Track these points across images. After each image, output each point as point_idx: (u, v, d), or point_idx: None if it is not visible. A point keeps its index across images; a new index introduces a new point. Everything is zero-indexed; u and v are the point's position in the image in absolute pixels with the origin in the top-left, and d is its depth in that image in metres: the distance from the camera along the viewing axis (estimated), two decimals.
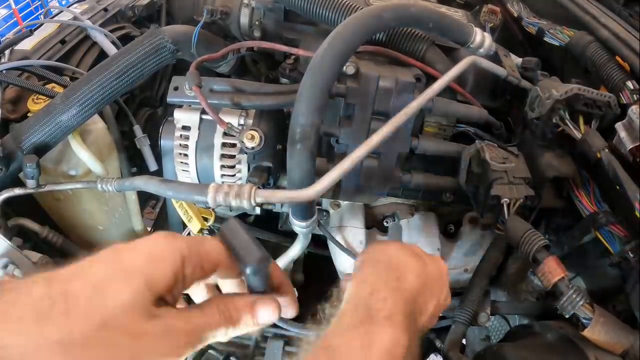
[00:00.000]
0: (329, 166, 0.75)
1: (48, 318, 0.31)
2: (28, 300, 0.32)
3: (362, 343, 0.40)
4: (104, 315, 0.32)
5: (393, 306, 0.45)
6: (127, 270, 0.34)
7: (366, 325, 0.41)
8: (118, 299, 0.33)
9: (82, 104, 0.75)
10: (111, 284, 0.33)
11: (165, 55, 0.81)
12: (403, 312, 0.45)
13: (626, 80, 0.76)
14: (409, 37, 0.84)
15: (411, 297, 0.49)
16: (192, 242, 0.38)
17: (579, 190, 0.75)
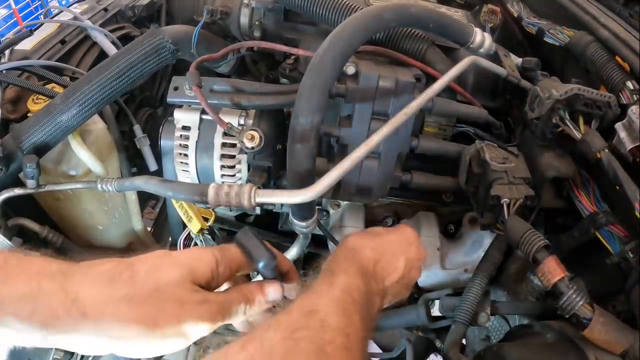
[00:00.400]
0: (329, 166, 0.75)
1: (117, 281, 0.43)
2: (101, 269, 0.45)
3: (327, 284, 0.51)
4: (157, 284, 0.44)
5: (348, 267, 0.56)
6: (177, 261, 0.47)
7: (329, 277, 0.53)
8: (169, 275, 0.45)
9: (82, 104, 0.75)
10: (164, 266, 0.46)
11: (165, 55, 0.81)
12: (358, 270, 0.56)
13: (626, 81, 0.76)
14: (409, 37, 0.84)
15: (367, 263, 0.60)
16: (222, 250, 0.51)
17: (579, 190, 0.75)
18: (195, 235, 0.86)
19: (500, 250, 0.81)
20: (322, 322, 0.45)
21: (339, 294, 0.50)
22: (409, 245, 0.68)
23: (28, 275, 0.42)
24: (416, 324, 0.89)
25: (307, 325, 0.44)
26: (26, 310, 0.41)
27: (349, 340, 0.45)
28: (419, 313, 0.84)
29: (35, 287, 0.42)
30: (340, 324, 0.46)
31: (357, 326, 0.48)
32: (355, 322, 0.48)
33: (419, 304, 0.85)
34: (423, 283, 1.01)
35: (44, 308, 0.41)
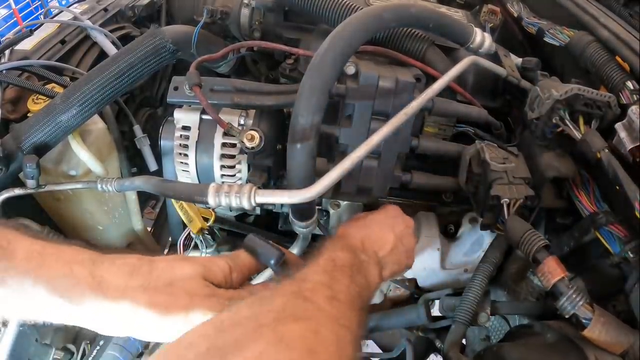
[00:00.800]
0: (329, 166, 0.75)
1: (137, 273, 0.50)
2: (125, 261, 0.51)
3: (314, 259, 0.55)
4: (171, 278, 0.49)
5: (333, 246, 0.59)
6: (192, 261, 0.52)
7: (316, 256, 0.56)
8: (182, 271, 0.50)
9: (82, 104, 0.75)
10: (180, 263, 0.51)
11: (165, 56, 0.81)
12: (343, 246, 0.60)
13: (626, 81, 0.76)
14: (409, 37, 0.84)
15: (354, 241, 0.64)
16: (234, 257, 0.56)
17: (579, 190, 0.75)
18: (195, 235, 0.86)
19: (500, 250, 0.81)
20: (303, 280, 0.48)
21: (320, 262, 0.53)
22: (394, 218, 0.73)
23: (63, 262, 0.50)
24: (416, 324, 0.89)
25: (284, 287, 0.46)
26: (59, 289, 0.48)
27: (333, 290, 0.47)
28: (419, 313, 0.84)
29: (68, 271, 0.49)
30: (322, 280, 0.48)
31: (343, 284, 0.50)
32: (341, 281, 0.50)
33: (419, 304, 0.85)
34: (423, 283, 1.01)
35: (74, 288, 0.48)
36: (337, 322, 0.43)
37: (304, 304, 0.43)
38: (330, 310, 0.44)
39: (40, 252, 0.50)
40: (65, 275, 0.49)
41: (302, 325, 0.40)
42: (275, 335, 0.38)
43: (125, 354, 0.74)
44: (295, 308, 0.43)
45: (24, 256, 0.50)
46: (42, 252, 0.50)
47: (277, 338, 0.37)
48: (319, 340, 0.39)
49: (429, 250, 0.96)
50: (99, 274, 0.49)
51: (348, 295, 0.49)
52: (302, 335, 0.39)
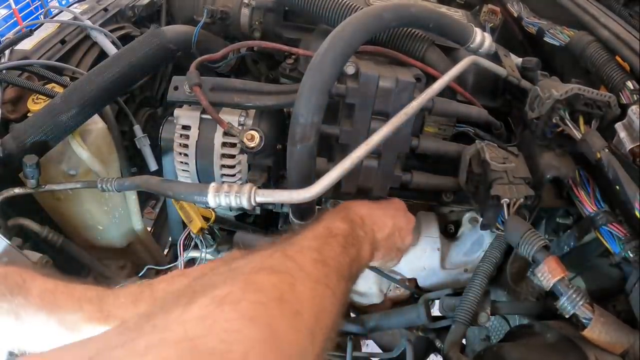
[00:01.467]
0: (329, 166, 0.75)
1: (140, 300, 0.55)
2: (126, 292, 0.56)
3: (310, 228, 0.55)
4: None
5: (333, 216, 0.61)
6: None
7: (314, 223, 0.57)
8: None
9: (82, 104, 0.75)
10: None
11: (165, 56, 0.81)
12: (344, 217, 0.61)
13: (626, 80, 0.76)
14: (409, 37, 0.84)
15: (356, 214, 0.65)
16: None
17: (579, 190, 0.75)
18: (195, 235, 0.86)
19: (500, 250, 0.81)
20: (291, 244, 0.48)
21: (315, 228, 0.54)
22: (397, 211, 0.74)
23: (73, 300, 0.55)
24: (416, 324, 0.89)
25: (269, 248, 0.46)
26: (70, 324, 0.53)
27: (321, 255, 0.47)
28: (419, 313, 0.84)
29: (78, 308, 0.54)
30: (311, 245, 0.49)
31: (334, 251, 0.50)
32: (332, 248, 0.50)
33: (419, 304, 0.85)
34: (423, 283, 1.01)
35: (84, 323, 0.54)
36: (318, 282, 0.43)
37: (285, 261, 0.43)
38: (312, 271, 0.44)
39: (52, 291, 0.56)
40: (76, 312, 0.54)
41: (277, 277, 0.40)
42: (247, 280, 0.38)
43: None
44: (274, 262, 0.43)
45: (38, 294, 0.55)
46: (54, 290, 0.56)
47: (248, 282, 0.38)
48: (292, 292, 0.39)
49: (429, 250, 0.96)
50: (106, 309, 0.55)
51: (337, 262, 0.49)
52: (274, 284, 0.38)
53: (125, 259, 1.06)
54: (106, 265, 0.98)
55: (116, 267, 1.03)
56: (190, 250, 0.91)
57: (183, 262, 0.86)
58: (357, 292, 1.02)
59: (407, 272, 0.99)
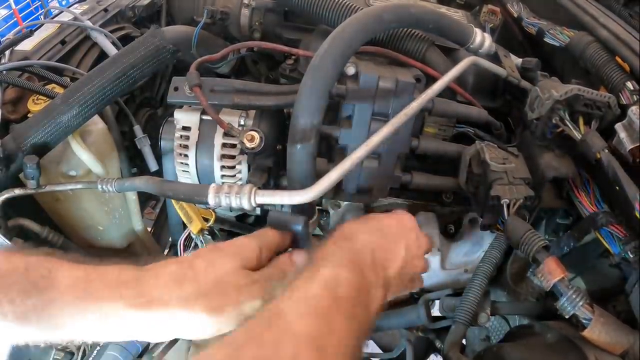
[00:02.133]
0: (329, 166, 0.75)
1: (183, 281, 0.49)
2: (166, 272, 0.50)
3: (305, 280, 0.47)
4: (216, 277, 0.49)
5: (337, 257, 0.51)
6: (228, 253, 0.52)
7: (309, 272, 0.48)
8: (224, 268, 0.50)
9: (83, 104, 0.75)
10: (219, 260, 0.51)
11: (165, 56, 0.81)
12: (350, 260, 0.51)
13: (626, 81, 0.76)
14: (409, 38, 0.84)
15: (363, 251, 0.55)
16: (261, 236, 0.56)
17: (579, 190, 0.75)
18: (196, 236, 0.86)
19: (500, 250, 0.81)
20: (285, 331, 0.39)
21: (315, 291, 0.44)
22: (409, 232, 0.62)
23: (109, 287, 0.49)
24: (416, 324, 0.89)
25: (261, 338, 0.39)
26: (110, 315, 0.48)
27: (323, 354, 0.39)
28: (419, 313, 0.84)
29: (117, 296, 0.49)
30: (311, 331, 0.40)
31: (339, 333, 0.41)
32: (336, 327, 0.42)
33: (419, 304, 0.85)
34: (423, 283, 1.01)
35: (125, 312, 0.48)
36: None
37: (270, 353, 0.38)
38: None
39: (84, 279, 0.49)
40: (115, 301, 0.48)
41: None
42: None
43: (126, 354, 0.74)
44: (255, 352, 0.38)
45: (69, 285, 0.49)
46: (85, 278, 0.50)
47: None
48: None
49: None
50: (147, 292, 0.49)
51: (338, 349, 0.40)
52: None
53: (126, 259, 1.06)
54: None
55: None
56: (191, 250, 0.91)
57: None
58: None
59: None
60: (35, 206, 0.92)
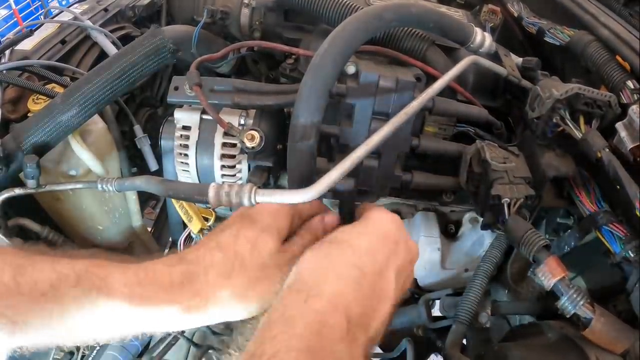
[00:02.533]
0: (329, 166, 0.75)
1: (232, 273, 0.48)
2: (214, 266, 0.49)
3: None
4: (261, 261, 0.50)
5: (289, 322, 0.40)
6: (265, 228, 0.51)
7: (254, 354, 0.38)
8: (267, 248, 0.50)
9: (83, 104, 0.75)
10: (260, 240, 0.50)
11: (166, 56, 0.81)
12: (310, 330, 0.39)
13: (626, 80, 0.76)
14: (409, 37, 0.84)
15: (332, 311, 0.41)
16: None
17: (580, 189, 0.75)
18: (196, 235, 0.86)
19: (500, 250, 0.81)
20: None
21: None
22: (395, 245, 0.50)
23: (164, 290, 0.47)
24: (417, 324, 0.89)
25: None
26: (166, 320, 0.48)
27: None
28: (420, 313, 0.84)
29: (173, 299, 0.47)
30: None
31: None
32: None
33: (420, 304, 0.85)
34: (423, 283, 1.01)
35: (184, 315, 0.48)
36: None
37: None
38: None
39: (138, 283, 0.47)
40: (171, 304, 0.47)
41: None
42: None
43: (125, 354, 0.74)
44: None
45: (125, 295, 0.46)
46: (139, 283, 0.47)
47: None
48: None
49: (429, 250, 0.96)
50: (203, 292, 0.47)
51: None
52: None
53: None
54: None
55: None
56: None
57: None
58: None
59: None
60: (35, 206, 0.92)
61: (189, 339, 0.77)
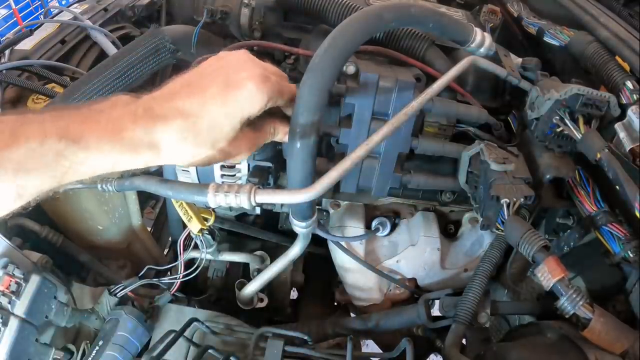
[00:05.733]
0: (329, 166, 0.75)
1: (186, 145, 0.50)
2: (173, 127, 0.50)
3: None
4: (219, 136, 0.52)
5: None
6: (231, 114, 0.52)
7: None
8: (225, 131, 0.52)
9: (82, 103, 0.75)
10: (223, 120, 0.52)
11: (165, 55, 0.81)
12: None
13: (626, 80, 0.76)
14: (409, 37, 0.84)
15: None
16: None
17: (579, 190, 0.75)
18: (195, 235, 0.86)
19: (500, 250, 0.81)
20: None
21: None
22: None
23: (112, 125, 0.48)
24: (416, 324, 0.89)
25: None
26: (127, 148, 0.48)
27: None
28: (419, 313, 0.84)
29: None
30: None
31: None
32: None
33: (419, 304, 0.85)
34: (423, 283, 1.01)
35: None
36: None
37: None
38: None
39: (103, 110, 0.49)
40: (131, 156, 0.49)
41: None
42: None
43: (125, 354, 0.74)
44: None
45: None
46: (106, 109, 0.49)
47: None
48: None
49: (429, 250, 0.96)
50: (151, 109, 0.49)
51: None
52: None
53: (125, 259, 1.06)
54: (106, 265, 0.98)
55: (116, 267, 1.03)
56: (190, 250, 0.91)
57: (183, 262, 0.86)
58: (358, 287, 1.01)
59: (407, 272, 0.99)
60: (35, 206, 0.91)
61: (189, 339, 0.77)
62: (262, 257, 1.00)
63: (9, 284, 0.67)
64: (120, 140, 0.47)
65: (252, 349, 0.76)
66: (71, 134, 0.45)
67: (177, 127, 0.49)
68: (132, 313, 0.77)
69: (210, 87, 0.51)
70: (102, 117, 0.48)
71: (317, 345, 0.83)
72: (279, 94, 0.55)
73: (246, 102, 0.51)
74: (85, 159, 0.47)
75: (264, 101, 0.53)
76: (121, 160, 0.49)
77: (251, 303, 0.95)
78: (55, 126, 0.45)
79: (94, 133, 0.46)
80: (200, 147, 0.52)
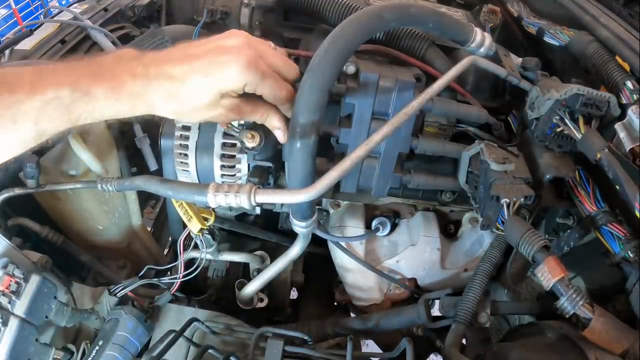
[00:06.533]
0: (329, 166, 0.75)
1: (172, 104, 0.57)
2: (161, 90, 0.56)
3: None
4: (197, 102, 0.57)
5: None
6: (210, 87, 0.56)
7: None
8: (203, 99, 0.57)
9: None
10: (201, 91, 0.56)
11: None
12: None
13: (626, 80, 0.76)
14: (409, 37, 0.84)
15: None
16: None
17: (579, 190, 0.75)
18: (195, 235, 0.86)
19: (500, 250, 0.81)
20: None
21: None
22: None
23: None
24: (416, 324, 0.89)
25: None
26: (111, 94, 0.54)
27: None
28: (419, 313, 0.84)
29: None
30: None
31: None
32: None
33: (419, 304, 0.85)
34: (423, 283, 1.01)
35: None
36: None
37: None
38: None
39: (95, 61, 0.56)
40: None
41: None
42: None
43: (125, 354, 0.74)
44: None
45: None
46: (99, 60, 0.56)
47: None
48: None
49: (429, 250, 0.96)
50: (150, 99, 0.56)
51: None
52: None
53: (125, 259, 1.06)
54: (106, 265, 0.98)
55: (116, 267, 1.03)
56: (190, 250, 0.91)
57: (183, 262, 0.86)
58: (358, 287, 1.01)
59: (407, 272, 0.99)
60: (35, 206, 0.92)
61: (189, 339, 0.77)
62: (262, 257, 1.00)
63: (9, 283, 0.67)
64: (120, 93, 0.54)
65: (252, 348, 0.76)
66: (81, 87, 0.52)
67: (164, 89, 0.55)
68: (132, 313, 0.77)
69: (200, 59, 0.56)
70: (107, 73, 0.54)
71: (317, 345, 0.83)
72: (260, 80, 0.58)
73: (223, 80, 0.56)
74: (94, 108, 0.54)
75: (241, 84, 0.57)
76: (123, 111, 0.56)
77: (251, 303, 0.95)
78: (68, 80, 0.52)
79: (101, 87, 0.53)
80: (183, 108, 0.58)
